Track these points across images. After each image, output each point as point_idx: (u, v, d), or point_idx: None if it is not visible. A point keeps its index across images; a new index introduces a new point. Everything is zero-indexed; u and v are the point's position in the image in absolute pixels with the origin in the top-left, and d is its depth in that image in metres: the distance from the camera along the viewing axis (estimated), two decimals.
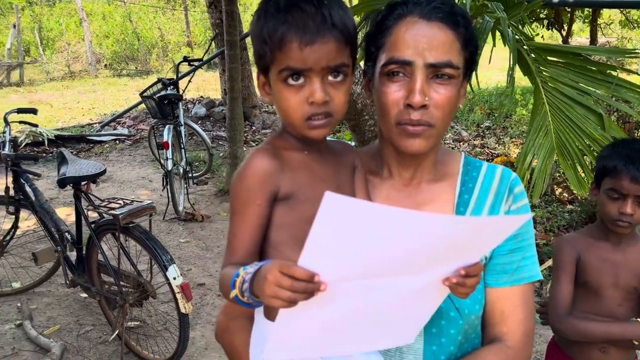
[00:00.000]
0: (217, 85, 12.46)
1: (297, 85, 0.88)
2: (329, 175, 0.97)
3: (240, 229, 0.91)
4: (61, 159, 3.04)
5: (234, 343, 1.08)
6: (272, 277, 0.71)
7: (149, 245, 2.64)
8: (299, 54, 0.85)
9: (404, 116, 0.96)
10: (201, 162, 6.74)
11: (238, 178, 0.93)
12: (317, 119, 0.89)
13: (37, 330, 3.22)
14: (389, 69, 0.97)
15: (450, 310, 1.01)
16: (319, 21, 0.86)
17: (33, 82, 15.32)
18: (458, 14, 0.98)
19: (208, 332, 3.25)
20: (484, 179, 1.10)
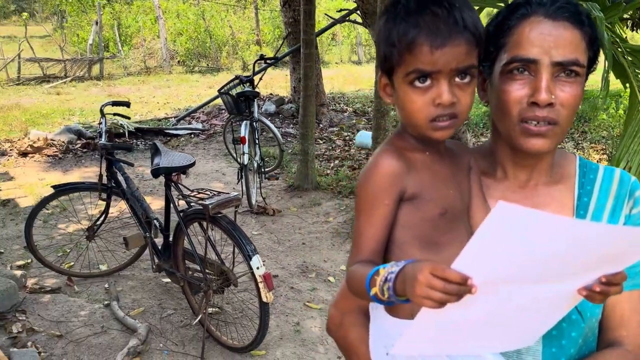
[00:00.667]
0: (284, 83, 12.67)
1: (424, 87, 0.89)
2: (449, 176, 0.99)
3: (368, 228, 0.94)
4: (154, 150, 3.21)
5: (349, 337, 1.11)
6: (424, 278, 0.72)
7: (234, 235, 2.75)
8: (429, 56, 0.86)
9: (527, 114, 0.96)
10: (271, 158, 6.89)
11: (366, 178, 0.95)
12: (442, 120, 0.90)
13: (123, 311, 3.42)
14: (512, 67, 0.97)
15: (572, 314, 1.00)
16: (451, 24, 0.86)
17: (112, 76, 16.13)
18: (582, 14, 0.98)
19: (282, 322, 3.35)
20: (602, 181, 1.08)
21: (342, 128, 8.51)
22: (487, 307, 0.80)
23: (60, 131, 7.69)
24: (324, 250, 4.42)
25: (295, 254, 4.37)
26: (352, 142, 7.69)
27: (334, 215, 5.16)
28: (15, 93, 13.28)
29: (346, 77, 15.18)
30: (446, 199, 0.95)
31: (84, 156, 7.16)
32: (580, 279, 0.80)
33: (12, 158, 7.02)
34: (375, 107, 4.46)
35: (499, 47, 1.01)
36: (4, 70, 15.11)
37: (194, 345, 3.11)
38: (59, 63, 15.57)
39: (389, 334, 0.97)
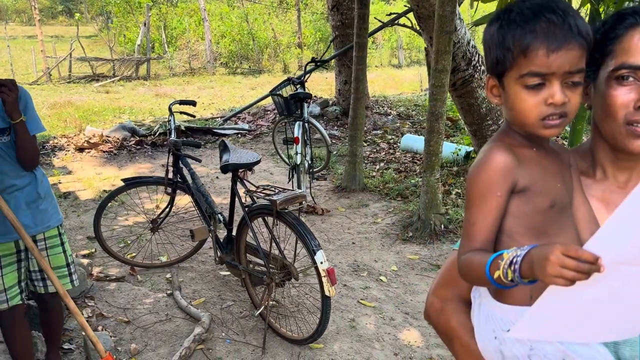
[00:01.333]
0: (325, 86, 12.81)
1: (536, 87, 0.97)
2: (556, 172, 1.05)
3: (480, 218, 1.00)
4: (223, 147, 3.36)
5: (451, 324, 1.18)
6: (556, 258, 0.79)
7: (299, 230, 2.86)
8: (545, 60, 0.94)
9: (634, 117, 1.02)
10: (317, 159, 7.00)
11: (478, 170, 1.02)
12: (553, 119, 0.98)
13: (185, 300, 3.57)
14: (619, 74, 1.03)
15: None
16: (566, 30, 0.94)
17: (158, 76, 16.58)
18: None
19: (338, 318, 3.44)
20: None
21: (386, 131, 8.57)
22: (606, 291, 0.86)
23: (114, 128, 7.99)
24: (374, 251, 4.50)
25: (345, 253, 4.46)
26: (397, 145, 7.74)
27: (382, 217, 5.23)
28: (66, 91, 13.83)
29: (386, 81, 15.21)
30: (554, 192, 1.02)
31: (138, 153, 7.43)
32: None
33: (70, 153, 7.34)
34: (430, 110, 4.51)
35: (606, 54, 1.07)
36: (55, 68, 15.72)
37: (254, 336, 3.23)
38: (108, 63, 16.10)
39: (498, 320, 1.03)
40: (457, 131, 8.15)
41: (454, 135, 7.94)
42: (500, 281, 0.90)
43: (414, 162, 6.93)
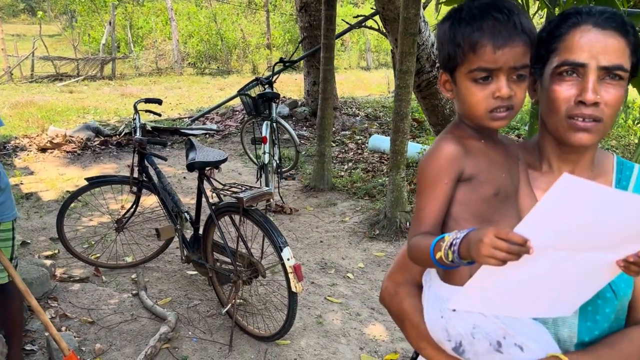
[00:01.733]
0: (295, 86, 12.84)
1: (485, 82, 1.03)
2: (502, 162, 1.11)
3: (429, 203, 1.06)
4: (190, 145, 3.35)
5: (403, 305, 1.23)
6: (489, 240, 0.85)
7: (266, 227, 2.88)
8: (491, 56, 1.00)
9: (574, 111, 1.08)
10: (286, 159, 7.03)
11: (428, 160, 1.08)
12: (500, 111, 1.04)
13: (151, 300, 3.55)
14: (562, 70, 1.10)
15: (607, 291, 1.11)
16: (511, 28, 1.00)
17: (123, 76, 16.32)
18: (628, 24, 1.10)
19: (305, 315, 3.47)
20: (637, 178, 1.19)
21: (355, 131, 8.65)
22: (538, 271, 0.93)
23: (78, 128, 7.84)
24: (341, 249, 4.55)
25: (313, 251, 4.49)
26: (365, 146, 7.82)
27: (350, 216, 5.29)
28: (28, 90, 13.48)
29: (355, 83, 15.33)
30: (499, 181, 1.09)
31: (102, 153, 7.31)
32: (622, 251, 0.92)
33: (32, 153, 7.17)
34: (395, 111, 4.59)
35: (551, 51, 1.14)
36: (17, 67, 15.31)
37: (221, 334, 3.23)
38: (72, 62, 15.77)
39: (444, 299, 1.09)
40: (422, 132, 8.29)
41: (420, 136, 8.07)
42: (442, 262, 0.95)
43: (382, 162, 7.02)
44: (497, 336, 1.04)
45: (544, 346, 1.07)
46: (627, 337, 1.12)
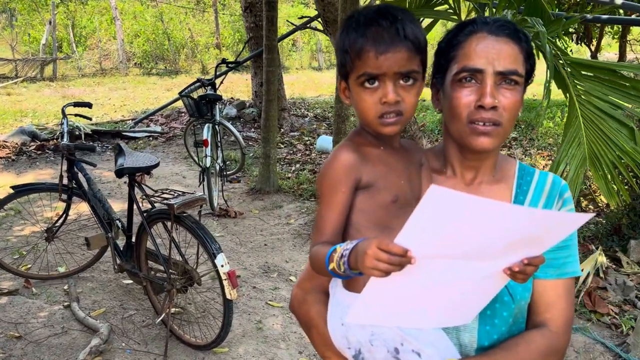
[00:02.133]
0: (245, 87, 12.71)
1: (372, 88, 1.03)
2: (401, 169, 1.11)
3: (327, 213, 1.06)
4: (118, 150, 3.24)
5: (310, 313, 1.22)
6: (372, 251, 0.85)
7: (199, 234, 2.81)
8: (374, 61, 1.01)
9: (475, 116, 1.10)
10: (232, 161, 6.93)
11: (326, 169, 1.08)
12: (389, 117, 1.04)
13: (84, 312, 3.41)
14: (461, 77, 1.11)
15: (504, 295, 1.14)
16: (393, 34, 1.01)
17: (65, 77, 15.74)
18: (520, 32, 1.14)
19: (245, 321, 3.42)
20: (537, 183, 1.22)
21: (303, 133, 8.63)
22: (426, 281, 0.93)
23: (13, 133, 7.51)
24: (285, 251, 4.52)
25: (257, 255, 4.44)
26: (313, 147, 7.81)
27: (295, 218, 5.26)
28: None
29: (306, 83, 15.31)
30: (397, 188, 1.08)
31: (39, 158, 7.02)
32: (506, 260, 0.93)
33: None
34: (336, 112, 4.59)
35: (450, 59, 1.15)
36: None
37: (156, 344, 3.14)
38: (10, 63, 15.10)
39: (345, 307, 1.08)
40: None
41: None
42: (336, 272, 0.95)
43: None
44: (395, 343, 1.04)
45: (442, 352, 1.07)
46: (524, 341, 1.14)
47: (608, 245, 4.45)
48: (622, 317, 3.50)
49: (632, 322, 3.35)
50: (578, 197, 5.26)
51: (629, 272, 4.08)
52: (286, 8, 20.33)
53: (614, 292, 3.83)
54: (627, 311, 3.58)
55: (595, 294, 3.68)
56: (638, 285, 3.88)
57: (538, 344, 1.13)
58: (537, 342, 1.13)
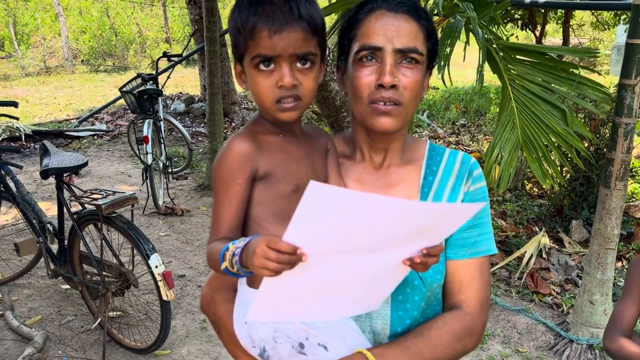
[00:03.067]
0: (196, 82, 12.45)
1: (268, 70, 0.97)
2: (302, 156, 1.06)
3: (224, 207, 0.99)
4: (44, 150, 3.08)
5: (219, 312, 1.16)
6: (260, 250, 0.80)
7: (131, 234, 2.71)
8: (268, 41, 0.94)
9: (375, 95, 1.06)
10: (181, 158, 6.78)
11: (219, 161, 1.01)
12: (287, 102, 0.98)
13: (18, 320, 3.26)
14: (361, 55, 1.07)
15: (415, 279, 1.11)
16: (287, 12, 0.94)
17: (8, 77, 15.09)
18: (420, 9, 1.10)
19: (189, 321, 3.33)
20: (447, 163, 1.20)
21: None
22: (324, 275, 0.88)
23: None
24: None
25: (204, 253, 4.34)
26: None
27: None
28: None
29: None
30: (298, 176, 1.03)
31: None
32: (404, 250, 0.90)
33: None
34: None
35: (351, 39, 1.11)
36: None
37: (95, 350, 3.03)
38: None
39: (247, 305, 1.03)
40: (321, 123, 8.32)
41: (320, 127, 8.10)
42: (230, 271, 0.89)
43: None
44: (299, 338, 1.00)
45: (350, 342, 1.04)
46: (436, 325, 1.12)
47: (551, 226, 4.56)
48: (564, 296, 3.58)
49: (572, 300, 3.42)
50: (522, 180, 5.37)
51: (571, 252, 4.18)
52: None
53: (557, 272, 3.92)
54: (568, 290, 3.67)
55: (538, 275, 3.76)
56: (579, 265, 3.98)
57: (451, 326, 1.11)
58: (451, 325, 1.11)
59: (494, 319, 3.37)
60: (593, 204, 4.25)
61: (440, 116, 8.78)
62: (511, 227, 4.50)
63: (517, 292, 3.64)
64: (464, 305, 1.15)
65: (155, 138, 5.14)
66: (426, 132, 7.91)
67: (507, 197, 5.27)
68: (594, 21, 12.43)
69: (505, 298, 3.60)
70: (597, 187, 3.81)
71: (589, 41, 17.45)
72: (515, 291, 3.65)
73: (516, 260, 3.94)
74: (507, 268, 3.93)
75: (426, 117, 8.72)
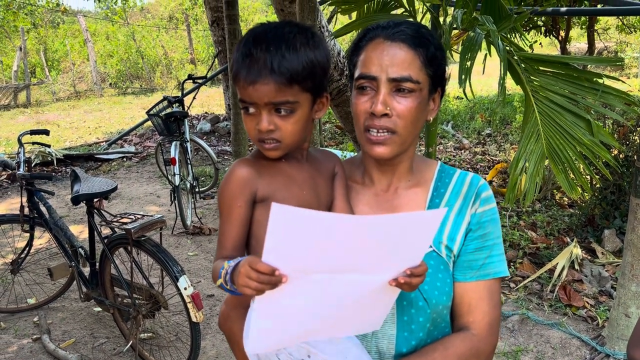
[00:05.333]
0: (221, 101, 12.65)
1: (250, 114, 1.04)
2: (305, 180, 1.11)
3: (227, 228, 1.06)
4: (74, 177, 3.17)
5: (233, 329, 1.20)
6: (244, 270, 0.85)
7: (160, 257, 2.75)
8: (245, 90, 1.01)
9: (369, 122, 1.10)
10: (207, 177, 6.87)
11: (222, 184, 1.08)
12: (268, 142, 1.04)
13: (54, 343, 3.33)
14: (359, 84, 1.11)
15: (419, 301, 1.12)
16: (262, 66, 0.99)
17: (40, 103, 15.58)
18: (418, 37, 1.11)
19: (218, 341, 3.36)
20: (455, 184, 1.21)
21: None
22: (313, 297, 0.90)
23: None
24: None
25: None
26: None
27: None
28: None
29: None
30: (299, 199, 1.08)
31: (10, 188, 6.90)
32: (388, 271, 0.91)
33: None
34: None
35: (354, 64, 1.15)
36: None
37: None
38: None
39: None
40: (345, 137, 8.34)
41: (343, 142, 8.12)
42: (225, 288, 0.96)
43: None
44: (301, 355, 1.03)
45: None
46: (442, 346, 1.12)
47: (583, 236, 4.46)
48: (598, 309, 3.49)
49: (607, 313, 3.34)
50: (552, 189, 5.28)
51: (604, 263, 4.08)
52: (260, 18, 20.32)
53: (590, 283, 3.82)
54: (602, 302, 3.58)
55: (570, 287, 3.67)
56: (613, 275, 3.88)
57: (457, 348, 1.11)
58: (456, 347, 1.11)
59: (526, 334, 3.30)
60: (625, 212, 4.14)
61: (465, 126, 8.71)
62: (542, 239, 4.42)
63: (549, 306, 3.57)
64: (472, 326, 1.15)
65: (182, 159, 5.23)
66: (451, 143, 7.86)
67: (536, 208, 5.18)
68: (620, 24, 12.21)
69: (537, 312, 3.53)
70: (629, 195, 3.72)
71: (616, 44, 17.12)
72: (547, 305, 3.58)
73: (548, 272, 3.86)
74: (539, 281, 3.85)
75: (451, 127, 8.66)
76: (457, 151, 7.42)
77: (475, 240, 1.17)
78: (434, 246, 1.15)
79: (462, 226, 1.17)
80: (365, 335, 1.13)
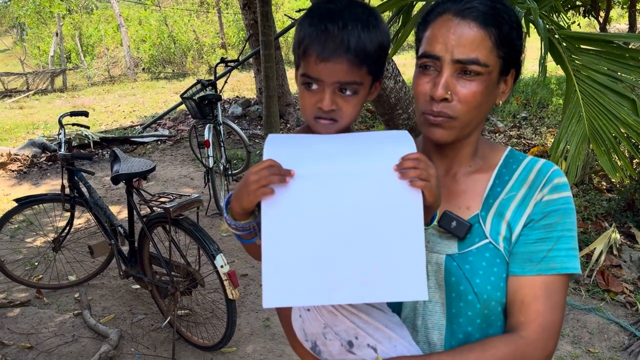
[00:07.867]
0: (252, 85, 12.69)
1: (312, 90, 1.00)
2: None
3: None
4: (114, 157, 3.24)
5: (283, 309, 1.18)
6: (250, 174, 0.88)
7: (197, 236, 2.80)
8: (315, 66, 0.97)
9: (427, 107, 1.04)
10: (239, 160, 6.93)
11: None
12: (324, 121, 1.01)
13: (94, 319, 3.44)
14: (422, 62, 1.05)
15: (469, 294, 1.05)
16: (338, 43, 0.95)
17: (75, 87, 15.91)
18: (492, 14, 1.01)
19: (252, 319, 3.41)
20: (522, 172, 1.11)
21: None
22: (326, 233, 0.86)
23: (24, 145, 7.59)
24: None
25: None
26: None
27: None
28: None
29: None
30: None
31: (50, 169, 7.09)
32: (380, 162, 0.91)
33: None
34: None
35: (420, 39, 1.09)
36: None
37: (165, 348, 3.15)
38: (20, 77, 15.31)
39: None
40: (375, 121, 8.29)
41: (374, 125, 8.07)
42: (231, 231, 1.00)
43: None
44: (349, 336, 1.01)
45: (401, 349, 1.03)
46: (480, 347, 1.03)
47: (622, 221, 4.36)
48: (637, 294, 3.41)
49: None
50: (589, 174, 5.16)
51: None
52: (290, 2, 20.20)
53: (629, 269, 3.74)
54: None
55: (609, 272, 3.60)
56: None
57: (497, 350, 1.01)
58: (497, 348, 1.01)
59: None
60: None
61: (500, 109, 8.55)
62: (579, 223, 4.33)
63: (586, 291, 3.51)
64: (521, 327, 1.03)
65: (216, 142, 5.28)
66: (486, 127, 7.73)
67: (574, 192, 5.07)
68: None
69: (574, 297, 3.47)
70: None
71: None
72: (584, 289, 3.52)
73: (585, 257, 3.79)
74: None
75: None
76: (492, 135, 7.29)
77: (538, 230, 1.05)
78: (491, 238, 1.06)
79: (523, 216, 1.06)
80: (415, 326, 1.09)
